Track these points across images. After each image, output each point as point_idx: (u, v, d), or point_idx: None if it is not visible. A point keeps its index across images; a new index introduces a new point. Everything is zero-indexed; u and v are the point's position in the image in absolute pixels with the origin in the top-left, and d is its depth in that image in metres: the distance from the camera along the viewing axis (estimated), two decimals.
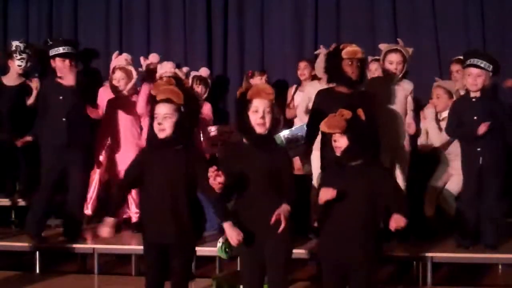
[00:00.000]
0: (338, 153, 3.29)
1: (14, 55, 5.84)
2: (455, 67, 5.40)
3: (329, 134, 3.34)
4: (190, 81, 5.64)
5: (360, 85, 4.29)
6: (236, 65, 6.87)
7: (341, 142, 3.26)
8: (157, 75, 5.44)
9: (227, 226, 3.28)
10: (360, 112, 3.31)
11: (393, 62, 4.88)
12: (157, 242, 3.37)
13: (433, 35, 6.30)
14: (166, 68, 5.46)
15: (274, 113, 3.36)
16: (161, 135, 3.32)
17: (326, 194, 3.19)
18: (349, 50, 4.14)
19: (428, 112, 5.17)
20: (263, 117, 3.31)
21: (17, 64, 5.82)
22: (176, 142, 3.34)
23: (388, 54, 4.91)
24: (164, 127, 3.30)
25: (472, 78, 4.45)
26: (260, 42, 6.89)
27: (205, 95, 5.71)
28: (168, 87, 3.39)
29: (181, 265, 3.38)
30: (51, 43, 5.52)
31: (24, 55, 5.84)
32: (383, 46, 5.06)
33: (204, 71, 5.82)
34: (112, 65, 5.53)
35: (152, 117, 3.39)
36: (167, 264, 3.39)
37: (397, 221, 3.14)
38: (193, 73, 5.80)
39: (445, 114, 4.98)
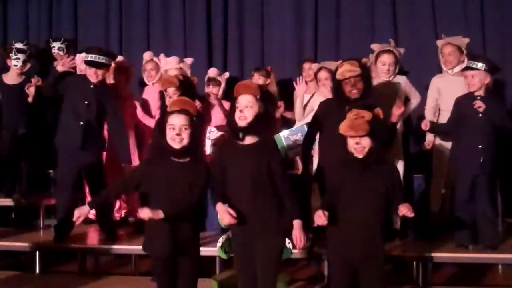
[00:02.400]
0: (359, 154, 3.30)
1: (10, 54, 5.84)
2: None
3: (350, 136, 3.32)
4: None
5: (366, 97, 4.11)
6: (236, 64, 6.87)
7: (364, 143, 3.28)
8: (162, 70, 5.44)
9: (219, 205, 3.30)
10: (379, 111, 3.35)
11: (386, 63, 4.91)
12: (167, 245, 3.35)
13: (433, 35, 6.29)
14: (171, 64, 5.45)
15: (259, 108, 3.35)
16: (178, 145, 3.33)
17: (319, 219, 3.24)
18: (340, 71, 4.07)
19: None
20: (241, 111, 3.34)
21: (13, 64, 5.83)
22: (191, 152, 3.37)
23: (380, 55, 4.94)
24: (183, 137, 3.32)
25: (468, 80, 4.59)
26: (260, 42, 6.90)
27: (220, 95, 5.65)
28: (183, 98, 3.42)
29: (190, 270, 3.39)
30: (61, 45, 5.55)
31: (19, 55, 5.82)
32: (375, 47, 5.07)
33: (212, 72, 5.79)
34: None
35: (161, 127, 3.39)
36: (176, 271, 3.39)
37: (405, 209, 3.19)
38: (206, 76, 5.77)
39: (457, 69, 5.03)
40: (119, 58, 5.64)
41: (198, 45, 6.95)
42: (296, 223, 3.30)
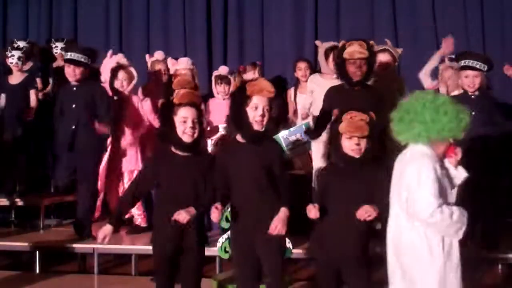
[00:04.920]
0: (356, 155, 3.30)
1: (6, 53, 5.85)
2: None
3: (347, 136, 3.31)
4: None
5: (366, 82, 4.24)
6: (236, 64, 6.86)
7: (362, 145, 3.30)
8: (172, 70, 5.43)
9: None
10: (372, 114, 3.36)
11: (382, 61, 4.90)
12: (171, 243, 3.34)
13: (433, 37, 6.29)
14: (183, 65, 5.44)
15: (273, 111, 3.33)
16: (190, 139, 3.29)
17: (311, 212, 3.22)
18: (349, 51, 4.12)
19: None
20: (262, 115, 3.28)
21: (9, 62, 5.84)
22: (200, 146, 3.36)
23: (376, 55, 4.93)
24: (195, 131, 3.28)
25: (469, 80, 4.52)
26: (260, 41, 6.91)
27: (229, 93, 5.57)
28: (191, 91, 3.39)
29: (194, 266, 3.38)
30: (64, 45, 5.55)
31: (14, 52, 5.83)
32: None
33: (223, 69, 5.76)
34: (106, 66, 5.50)
35: (168, 119, 3.34)
36: (177, 267, 3.38)
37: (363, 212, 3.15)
38: (214, 73, 5.70)
39: (455, 93, 4.93)
40: (122, 57, 5.61)
41: (198, 45, 6.95)
42: (282, 210, 3.28)
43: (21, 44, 6.06)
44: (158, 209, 3.48)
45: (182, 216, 3.17)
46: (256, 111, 3.28)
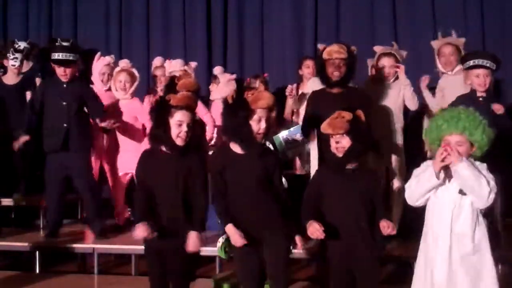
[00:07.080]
0: (340, 154, 3.31)
1: (8, 54, 5.84)
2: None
3: (329, 135, 3.35)
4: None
5: (345, 83, 4.27)
6: (236, 65, 6.88)
7: (343, 143, 3.30)
8: (167, 72, 5.44)
9: (229, 227, 3.26)
10: (360, 113, 3.36)
11: (386, 66, 4.89)
12: (157, 244, 3.35)
13: (433, 37, 6.29)
14: (175, 67, 5.44)
15: (270, 119, 3.35)
16: (182, 142, 3.29)
17: (315, 232, 3.20)
18: (327, 50, 4.19)
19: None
20: (267, 127, 3.29)
21: (10, 64, 5.84)
22: (190, 150, 3.34)
23: (381, 58, 4.93)
24: (188, 135, 3.28)
25: (480, 79, 4.42)
26: (260, 42, 6.92)
27: None
28: (188, 94, 3.39)
29: (180, 267, 3.37)
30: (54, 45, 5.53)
31: (17, 55, 5.83)
32: (377, 49, 5.06)
33: (217, 70, 5.79)
34: (95, 69, 5.49)
35: (163, 121, 3.32)
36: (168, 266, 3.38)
37: (387, 228, 3.21)
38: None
39: (457, 68, 4.91)
40: (125, 61, 5.61)
41: (198, 45, 6.96)
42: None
43: (22, 44, 6.05)
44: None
45: (195, 246, 3.24)
46: (260, 123, 3.27)
